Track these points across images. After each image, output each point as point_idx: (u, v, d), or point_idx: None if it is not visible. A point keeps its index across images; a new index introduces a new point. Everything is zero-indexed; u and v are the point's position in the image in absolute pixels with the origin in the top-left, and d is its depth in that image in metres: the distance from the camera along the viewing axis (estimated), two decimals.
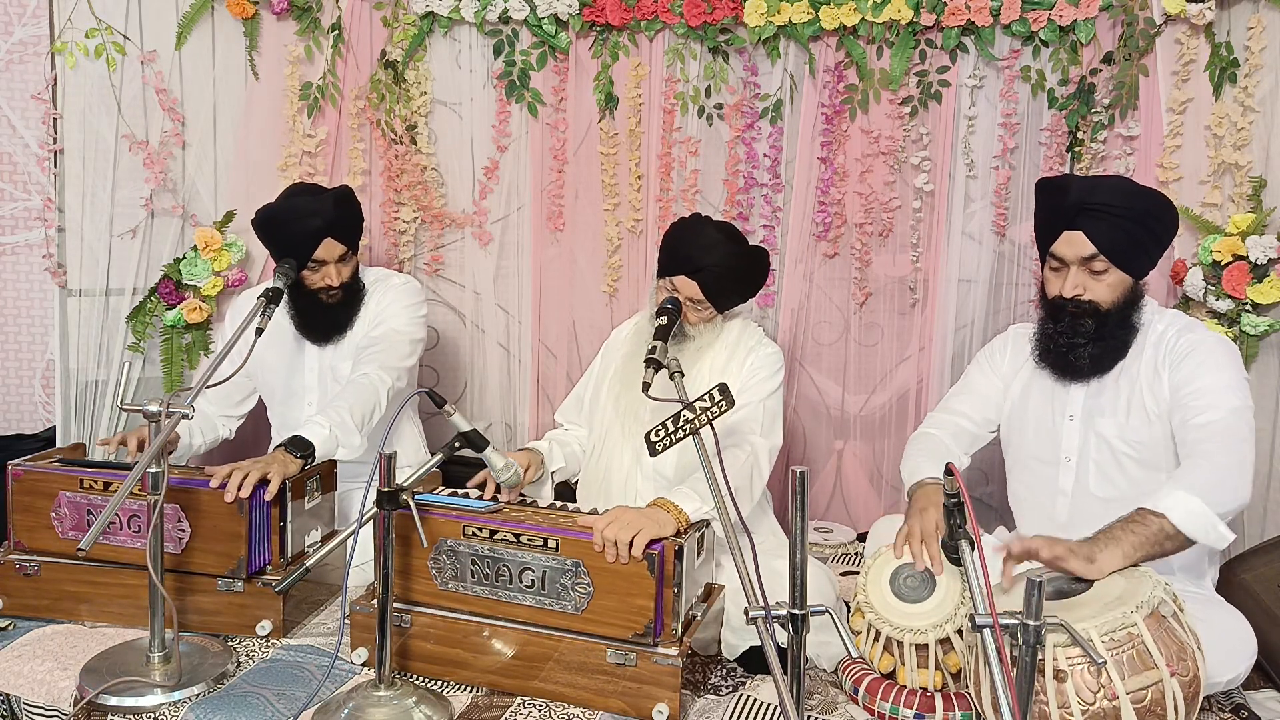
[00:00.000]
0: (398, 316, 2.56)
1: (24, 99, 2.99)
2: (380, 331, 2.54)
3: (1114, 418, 2.07)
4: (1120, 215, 1.97)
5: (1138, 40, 2.58)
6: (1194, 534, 1.79)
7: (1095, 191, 2.00)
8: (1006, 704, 1.38)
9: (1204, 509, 1.78)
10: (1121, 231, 1.97)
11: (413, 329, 2.58)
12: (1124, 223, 1.97)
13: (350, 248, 2.55)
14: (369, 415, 2.35)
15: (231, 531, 2.10)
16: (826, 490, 3.10)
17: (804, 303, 2.99)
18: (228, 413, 2.69)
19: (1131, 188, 2.06)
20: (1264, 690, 2.04)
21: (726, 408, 1.79)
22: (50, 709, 1.90)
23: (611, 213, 3.06)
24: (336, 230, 2.49)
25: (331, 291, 2.53)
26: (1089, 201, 1.98)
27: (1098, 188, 2.02)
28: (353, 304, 2.59)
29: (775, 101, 2.90)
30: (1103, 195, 1.99)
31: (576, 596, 1.90)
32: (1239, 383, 1.98)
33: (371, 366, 2.43)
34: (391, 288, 2.62)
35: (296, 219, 2.47)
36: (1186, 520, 1.78)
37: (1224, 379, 1.96)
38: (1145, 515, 1.80)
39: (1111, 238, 1.97)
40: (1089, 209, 1.97)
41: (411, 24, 3.03)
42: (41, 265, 3.03)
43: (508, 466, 2.15)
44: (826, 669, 2.07)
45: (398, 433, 2.68)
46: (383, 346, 2.49)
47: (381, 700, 1.84)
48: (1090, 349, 2.04)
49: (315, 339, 2.59)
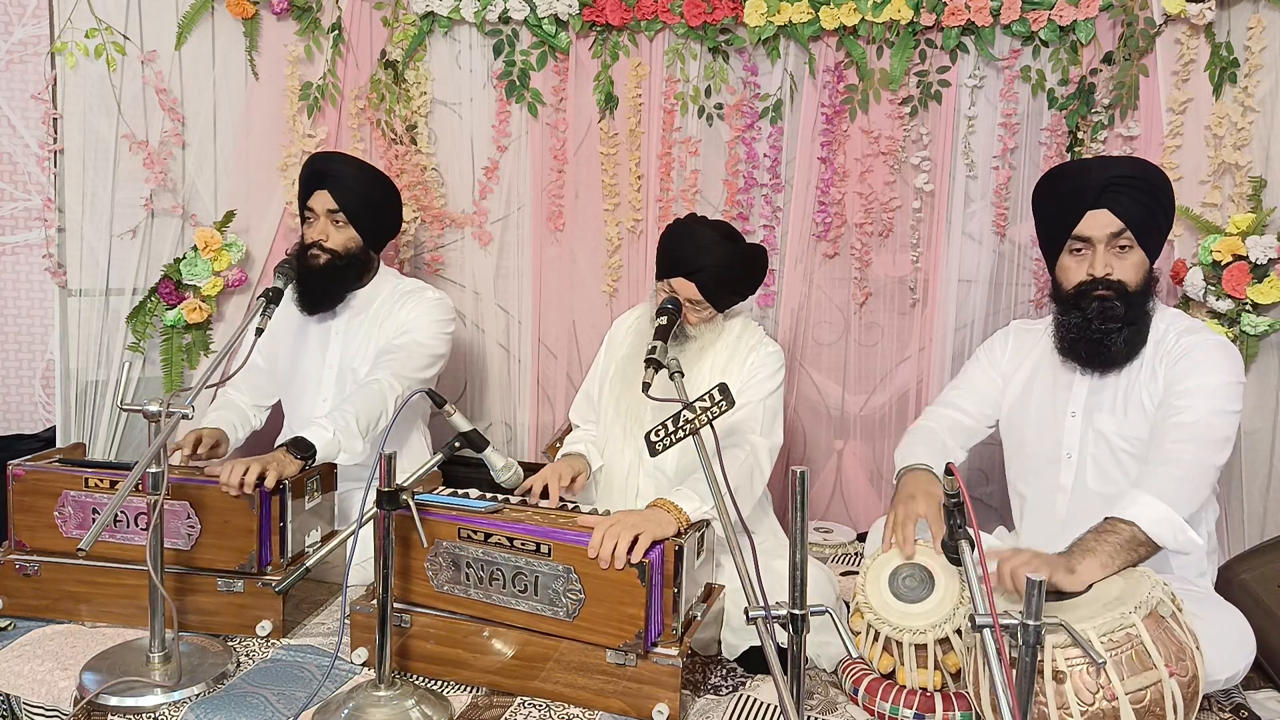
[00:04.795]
0: (424, 329, 2.56)
1: (24, 99, 2.99)
2: (403, 340, 2.53)
3: (1113, 415, 2.07)
4: (1141, 189, 2.02)
5: (1138, 40, 2.58)
6: (1162, 540, 1.80)
7: (1116, 166, 2.06)
8: (1006, 704, 1.38)
9: (1171, 515, 1.79)
10: (1142, 206, 2.02)
11: (436, 344, 2.58)
12: (1144, 196, 2.02)
13: (348, 214, 2.54)
14: (374, 422, 2.35)
15: (243, 527, 2.10)
16: (826, 490, 3.10)
17: (804, 303, 2.99)
18: (259, 402, 2.73)
19: (1144, 163, 2.14)
20: (1264, 690, 2.04)
21: (727, 408, 1.78)
22: (50, 709, 1.90)
23: (611, 213, 3.06)
24: (336, 188, 2.52)
25: (315, 252, 2.53)
26: (1112, 177, 2.01)
27: (1118, 163, 2.11)
28: (344, 279, 2.59)
29: (775, 101, 2.90)
30: (1123, 169, 2.05)
31: (568, 603, 1.90)
32: (1229, 387, 1.96)
33: (385, 373, 2.43)
34: (424, 300, 2.62)
35: (309, 164, 2.62)
36: (1154, 527, 1.79)
37: (1214, 381, 1.95)
38: (1115, 524, 1.81)
39: (1134, 212, 2.01)
40: (1112, 185, 2.01)
41: (411, 24, 3.03)
42: (41, 265, 3.03)
43: (508, 466, 2.15)
44: (826, 669, 2.07)
45: (405, 442, 2.69)
46: (402, 356, 2.49)
47: (381, 700, 1.84)
48: (1124, 332, 2.03)
49: (303, 305, 2.59)
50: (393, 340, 2.55)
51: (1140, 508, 1.81)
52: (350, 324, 2.63)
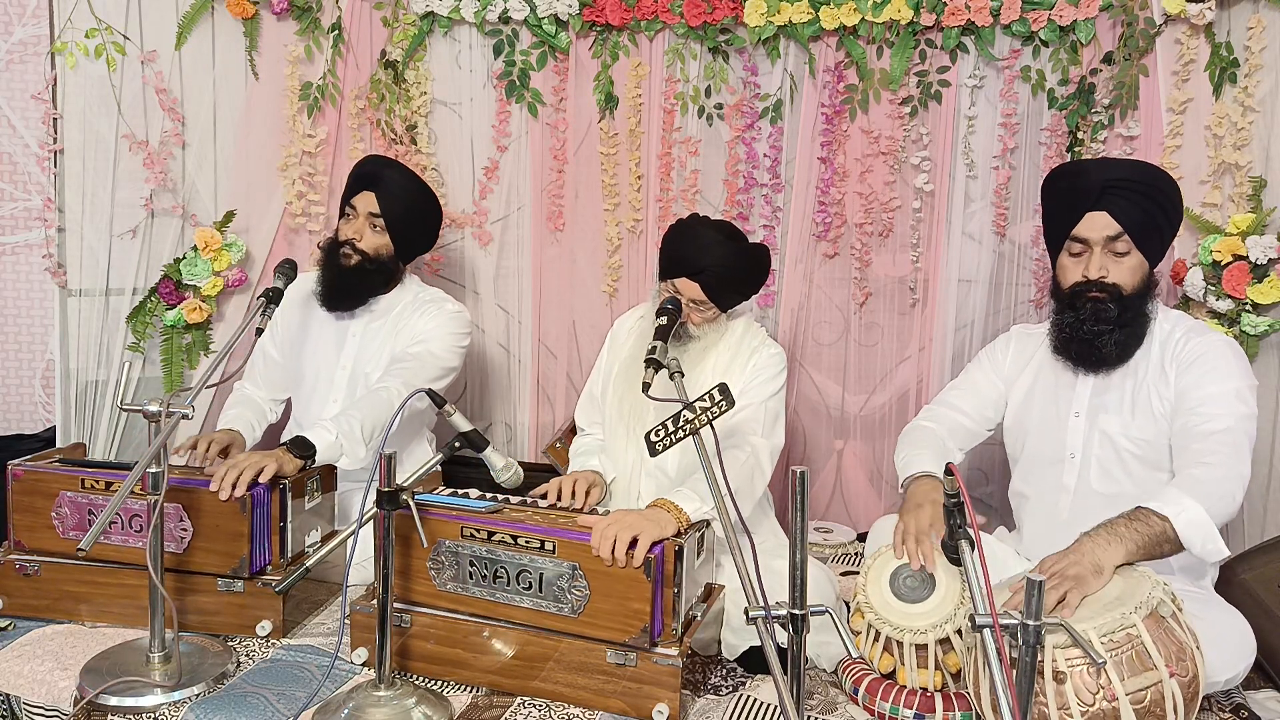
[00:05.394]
0: (440, 341, 2.56)
1: (24, 99, 2.99)
2: (418, 350, 2.53)
3: (1119, 415, 2.07)
4: (1141, 193, 2.02)
5: (1138, 40, 2.58)
6: (1191, 543, 1.79)
7: (1116, 169, 2.07)
8: (1006, 704, 1.38)
9: (1207, 520, 1.79)
10: (1141, 210, 2.02)
11: (449, 356, 2.57)
12: (1144, 200, 2.02)
13: (387, 221, 2.55)
14: (378, 429, 2.35)
15: (234, 531, 2.10)
16: (826, 490, 3.10)
17: (804, 303, 2.99)
18: (275, 396, 2.74)
19: (1148, 166, 2.12)
20: (1264, 690, 2.04)
21: (727, 408, 1.78)
22: (50, 709, 1.90)
23: (611, 213, 3.06)
24: (383, 194, 2.53)
25: (348, 250, 2.54)
26: (1111, 180, 2.02)
27: (1119, 166, 2.11)
28: (369, 282, 2.59)
29: (775, 101, 2.90)
30: (1124, 171, 2.06)
31: (574, 599, 1.90)
32: (1246, 390, 1.98)
33: (395, 381, 2.42)
34: (444, 312, 2.61)
35: (363, 164, 2.65)
36: (1188, 529, 1.79)
37: (1232, 386, 1.96)
38: (1149, 516, 1.80)
39: (1133, 216, 2.01)
40: (1111, 187, 2.01)
41: (411, 24, 3.03)
42: (41, 265, 3.03)
43: (508, 466, 2.15)
44: (826, 669, 2.07)
45: (410, 451, 2.69)
46: (414, 365, 2.49)
47: (381, 700, 1.84)
48: (1115, 335, 2.04)
49: (325, 301, 2.59)
50: (407, 349, 2.54)
51: (1178, 507, 1.80)
52: (368, 327, 2.62)
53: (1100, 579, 1.72)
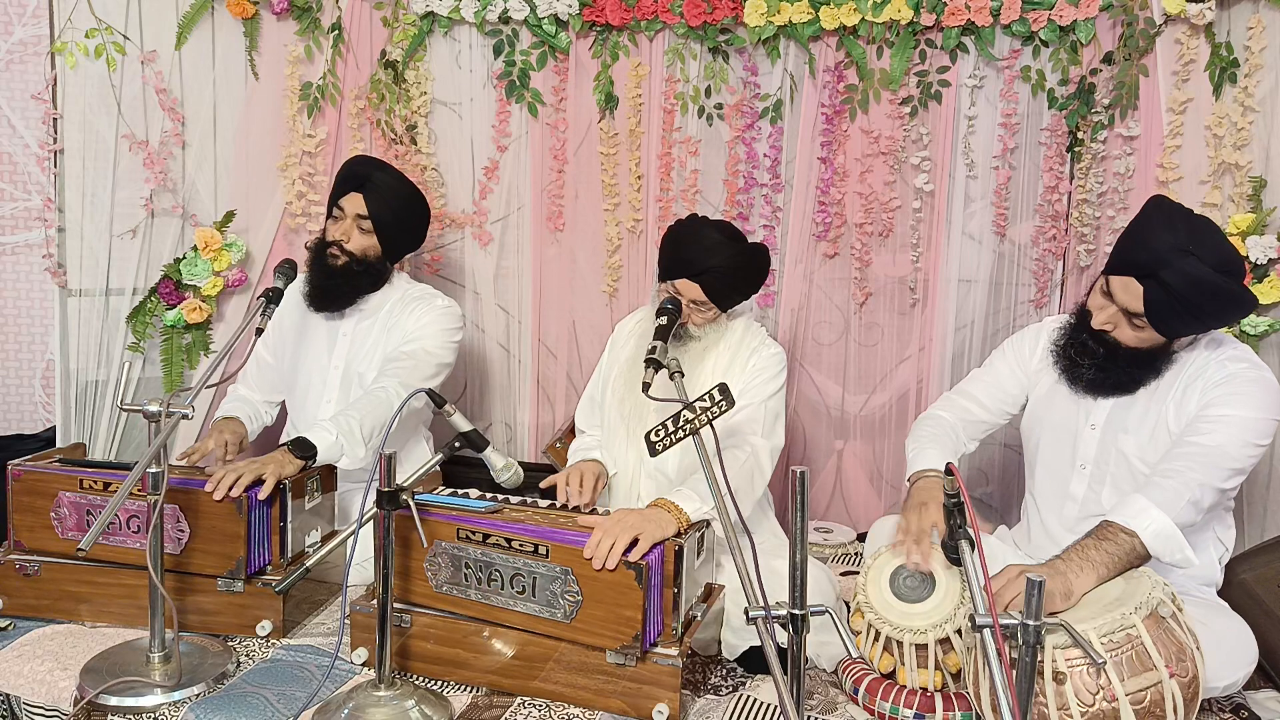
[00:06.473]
0: (433, 338, 2.56)
1: (24, 99, 2.99)
2: (411, 348, 2.53)
3: (1137, 436, 2.03)
4: (1188, 301, 1.87)
5: (1138, 40, 2.58)
6: (1159, 555, 1.79)
7: (1185, 274, 1.84)
8: (1006, 705, 1.38)
9: (1174, 530, 1.79)
10: (1178, 311, 1.89)
11: (443, 352, 2.57)
12: (1189, 306, 1.87)
13: (375, 223, 2.54)
14: (378, 429, 2.35)
15: (230, 532, 2.10)
16: (826, 490, 3.10)
17: (804, 303, 2.99)
18: (270, 398, 2.73)
19: (1226, 287, 1.86)
20: (1264, 690, 2.04)
21: (726, 408, 1.78)
22: (50, 709, 1.90)
23: (611, 213, 3.06)
24: (372, 196, 2.52)
25: (336, 251, 2.54)
26: (1174, 276, 1.85)
27: (1188, 273, 1.84)
28: (357, 283, 2.58)
29: (775, 101, 2.90)
30: (1187, 280, 1.84)
31: (566, 604, 1.89)
32: (1263, 422, 1.90)
33: (392, 381, 2.42)
34: (434, 308, 2.61)
35: (351, 164, 2.61)
36: (1155, 541, 1.79)
37: (1248, 414, 1.89)
38: (1118, 534, 1.80)
39: (1166, 313, 1.90)
40: (1162, 278, 1.86)
41: (411, 24, 3.03)
42: (41, 265, 3.03)
43: (508, 466, 2.15)
44: (826, 669, 2.07)
45: (408, 449, 2.69)
46: (409, 364, 2.48)
47: (381, 700, 1.84)
48: (1089, 372, 2.02)
49: (311, 301, 2.59)
50: (401, 347, 2.54)
51: (1146, 520, 1.80)
52: (358, 326, 2.62)
53: (1067, 603, 1.72)
